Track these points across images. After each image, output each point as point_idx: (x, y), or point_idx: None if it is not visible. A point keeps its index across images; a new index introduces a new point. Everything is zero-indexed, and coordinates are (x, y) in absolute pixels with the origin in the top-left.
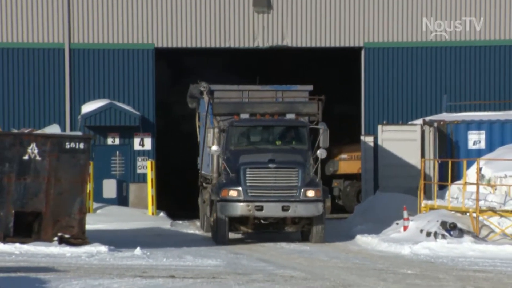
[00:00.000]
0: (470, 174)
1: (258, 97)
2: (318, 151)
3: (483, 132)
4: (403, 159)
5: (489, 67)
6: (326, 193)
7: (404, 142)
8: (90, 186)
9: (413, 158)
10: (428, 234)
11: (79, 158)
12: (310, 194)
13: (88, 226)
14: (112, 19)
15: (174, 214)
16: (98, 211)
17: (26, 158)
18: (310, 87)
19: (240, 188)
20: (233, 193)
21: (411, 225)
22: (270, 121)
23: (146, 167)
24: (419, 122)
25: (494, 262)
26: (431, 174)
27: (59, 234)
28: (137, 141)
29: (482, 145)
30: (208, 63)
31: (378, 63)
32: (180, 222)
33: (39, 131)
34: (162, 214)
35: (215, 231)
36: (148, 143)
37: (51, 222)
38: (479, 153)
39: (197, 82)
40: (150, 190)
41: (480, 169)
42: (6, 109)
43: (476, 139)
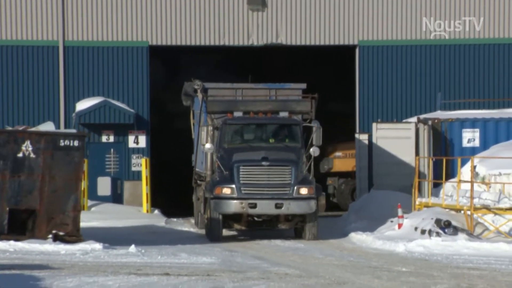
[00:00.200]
0: (465, 172)
1: (251, 95)
2: (311, 149)
3: (478, 130)
4: (398, 157)
5: (483, 65)
6: (319, 190)
7: (398, 140)
8: (84, 184)
9: (407, 156)
10: (422, 232)
11: (74, 156)
12: (303, 191)
13: (82, 224)
14: (106, 17)
15: (168, 212)
16: (93, 209)
17: (20, 155)
18: (303, 85)
19: (233, 185)
20: (226, 190)
21: (406, 223)
22: (264, 119)
23: (141, 165)
24: (414, 120)
25: (489, 260)
26: (426, 172)
27: (54, 232)
28: (131, 138)
29: (477, 143)
30: (202, 61)
31: (373, 61)
32: (174, 219)
33: (33, 129)
34: (156, 211)
35: (209, 229)
36: (142, 141)
37: (45, 219)
38: (473, 151)
39: (191, 80)
40: (144, 188)
41: (474, 167)
42: (0, 106)
43: (470, 137)
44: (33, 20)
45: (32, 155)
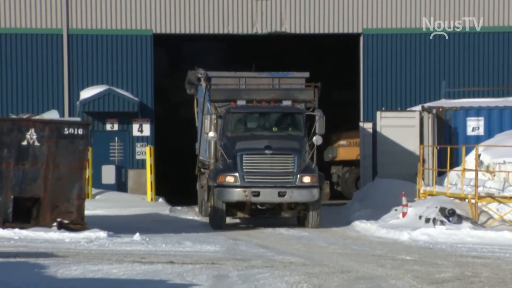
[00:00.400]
0: (469, 160)
1: (255, 83)
2: (314, 138)
3: (482, 118)
4: (402, 146)
5: (488, 54)
6: (322, 179)
7: (403, 128)
8: (89, 172)
9: (411, 144)
10: (426, 220)
11: (78, 144)
12: (306, 180)
13: (87, 212)
14: (110, 5)
15: (172, 200)
16: (97, 197)
17: (25, 143)
18: (306, 74)
19: (236, 174)
20: (230, 179)
21: (410, 211)
22: (267, 107)
23: (145, 153)
24: (418, 108)
25: (493, 248)
26: (430, 161)
27: (58, 220)
28: (135, 127)
29: (481, 131)
30: (206, 49)
31: (377, 50)
32: (178, 208)
33: (38, 117)
34: (161, 200)
35: (212, 216)
36: (146, 129)
37: (50, 207)
38: (478, 139)
39: (195, 69)
40: (149, 176)
41: (478, 155)
42: (5, 94)
43: (475, 126)
44: (37, 8)
45: (36, 143)
